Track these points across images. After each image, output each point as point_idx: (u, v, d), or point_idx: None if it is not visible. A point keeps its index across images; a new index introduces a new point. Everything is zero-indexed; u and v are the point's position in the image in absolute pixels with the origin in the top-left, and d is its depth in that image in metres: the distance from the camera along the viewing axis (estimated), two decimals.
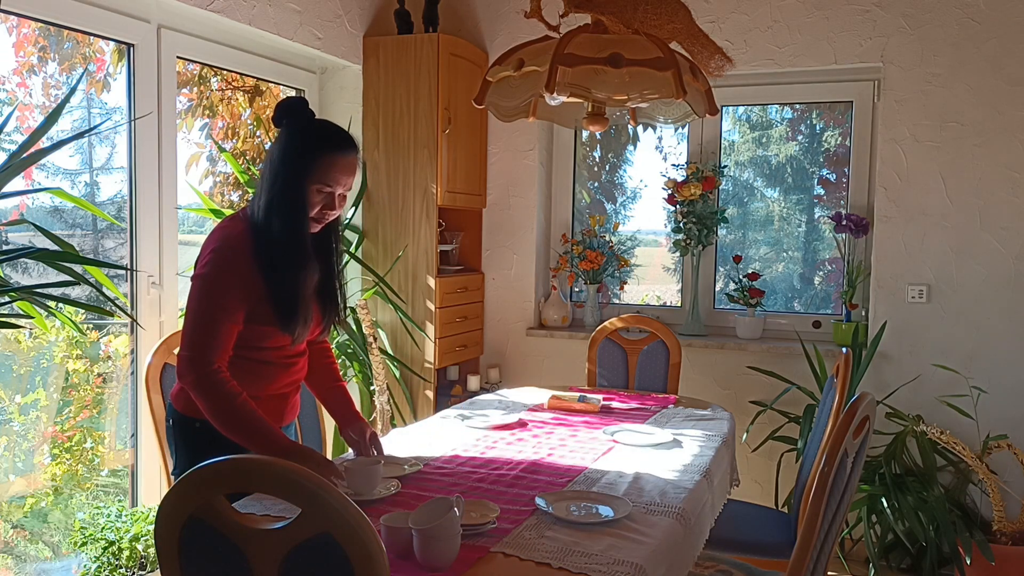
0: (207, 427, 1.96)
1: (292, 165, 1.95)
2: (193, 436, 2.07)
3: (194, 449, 2.07)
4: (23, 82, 2.76)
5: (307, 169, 1.95)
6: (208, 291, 1.92)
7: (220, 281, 1.92)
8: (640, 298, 4.37)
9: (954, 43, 3.44)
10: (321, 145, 1.97)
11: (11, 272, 2.71)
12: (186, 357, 1.90)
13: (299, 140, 1.97)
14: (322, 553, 1.12)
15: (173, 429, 2.11)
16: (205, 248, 1.98)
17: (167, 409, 2.16)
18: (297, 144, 1.97)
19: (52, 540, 2.92)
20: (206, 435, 2.00)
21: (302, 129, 1.99)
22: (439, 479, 2.06)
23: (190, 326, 1.92)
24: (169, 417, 2.13)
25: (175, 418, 2.10)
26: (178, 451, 2.12)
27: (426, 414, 3.74)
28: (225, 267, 1.93)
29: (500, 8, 4.12)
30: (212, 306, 1.91)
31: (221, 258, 1.93)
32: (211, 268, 1.92)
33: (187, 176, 3.39)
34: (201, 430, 2.01)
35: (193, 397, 1.92)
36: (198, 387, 1.90)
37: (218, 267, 1.93)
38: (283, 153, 1.97)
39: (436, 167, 3.78)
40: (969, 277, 3.47)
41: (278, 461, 1.13)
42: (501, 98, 2.36)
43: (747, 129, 4.13)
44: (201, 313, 1.91)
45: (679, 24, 2.31)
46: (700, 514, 2.01)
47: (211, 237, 2.00)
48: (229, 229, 1.98)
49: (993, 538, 3.20)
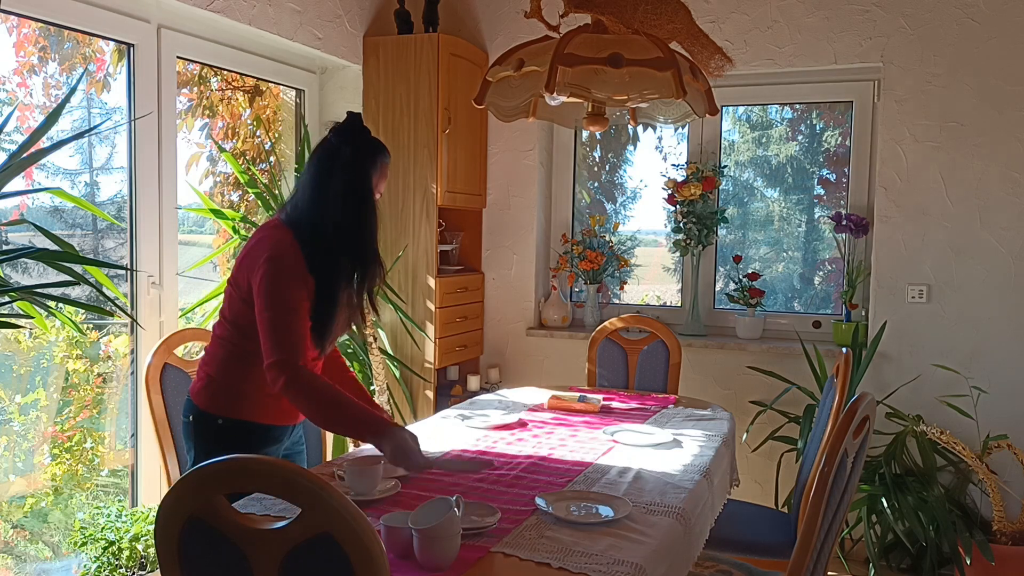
0: (229, 425, 2.05)
1: (366, 175, 2.11)
2: (215, 433, 2.10)
3: (215, 446, 2.09)
4: (23, 82, 2.76)
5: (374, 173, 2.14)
6: (278, 296, 1.98)
7: (286, 285, 1.99)
8: (640, 298, 4.37)
9: (954, 43, 3.44)
10: (383, 152, 2.17)
11: (11, 272, 2.71)
12: (276, 362, 1.94)
13: (368, 151, 2.13)
14: (322, 553, 1.12)
15: (192, 426, 2.13)
16: (254, 259, 2.03)
17: (185, 405, 2.18)
18: (367, 152, 2.13)
19: (52, 540, 2.92)
20: (227, 432, 2.07)
21: (368, 141, 2.16)
22: (439, 479, 2.06)
23: (270, 331, 1.96)
24: (188, 414, 2.15)
25: (195, 414, 2.12)
26: (197, 448, 2.14)
27: (426, 414, 3.74)
28: (288, 271, 2.00)
29: (500, 8, 4.12)
30: (286, 309, 1.98)
31: (280, 264, 2.00)
32: (275, 274, 1.99)
33: (187, 176, 3.39)
34: (224, 427, 2.08)
35: (289, 398, 1.95)
36: (293, 386, 1.93)
37: (280, 272, 2.00)
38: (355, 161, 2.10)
39: (436, 167, 3.78)
40: (969, 277, 3.47)
41: (278, 461, 1.13)
42: (501, 98, 2.36)
43: (747, 129, 4.13)
44: (278, 318, 1.97)
45: (679, 24, 2.31)
46: (700, 514, 2.01)
47: (257, 248, 2.04)
48: (276, 238, 2.04)
49: (993, 538, 3.20)
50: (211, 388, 2.12)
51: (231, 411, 2.10)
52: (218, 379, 2.11)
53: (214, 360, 2.13)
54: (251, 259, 2.04)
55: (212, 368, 2.12)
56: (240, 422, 2.10)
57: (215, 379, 2.11)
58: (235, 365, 2.10)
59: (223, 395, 2.11)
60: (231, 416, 2.10)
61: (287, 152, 3.91)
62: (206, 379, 2.13)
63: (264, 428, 2.14)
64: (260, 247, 2.04)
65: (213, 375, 2.12)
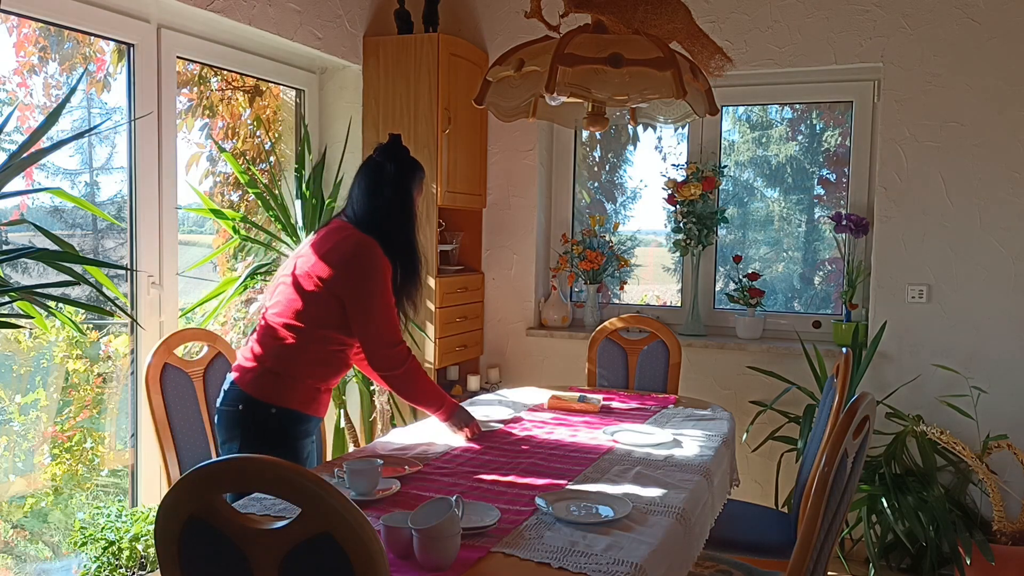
0: (282, 413, 2.24)
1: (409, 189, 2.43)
2: (269, 420, 2.23)
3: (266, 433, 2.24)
4: (23, 82, 2.76)
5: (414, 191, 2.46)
6: (385, 290, 2.29)
7: (387, 281, 2.31)
8: (640, 298, 4.37)
9: (954, 43, 3.44)
10: (418, 169, 2.48)
11: (11, 272, 2.71)
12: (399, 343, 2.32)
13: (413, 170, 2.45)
14: (322, 553, 1.12)
15: (241, 413, 2.25)
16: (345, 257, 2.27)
17: (231, 395, 2.27)
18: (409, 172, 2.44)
19: (52, 540, 2.92)
20: (280, 420, 2.24)
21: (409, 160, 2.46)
22: (439, 479, 2.07)
23: (385, 320, 2.29)
24: (237, 402, 2.25)
25: (246, 403, 2.24)
26: (245, 436, 2.25)
27: (425, 414, 3.73)
28: (385, 270, 2.30)
29: (500, 8, 4.12)
30: (390, 303, 2.31)
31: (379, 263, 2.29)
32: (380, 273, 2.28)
33: (187, 176, 3.39)
34: (277, 415, 2.24)
35: (402, 382, 2.35)
36: (411, 369, 2.34)
37: (381, 270, 2.29)
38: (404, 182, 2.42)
39: (436, 167, 3.78)
40: (969, 277, 3.47)
41: (278, 461, 1.13)
42: (501, 98, 2.36)
43: (747, 129, 4.13)
44: (388, 309, 2.30)
45: (679, 24, 2.31)
46: (700, 514, 2.01)
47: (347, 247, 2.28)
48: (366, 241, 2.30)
49: (993, 538, 3.20)
50: (266, 378, 2.25)
51: (285, 401, 2.25)
52: (275, 370, 2.25)
53: (270, 353, 2.27)
54: (341, 258, 2.26)
55: (269, 360, 2.26)
56: (292, 411, 2.26)
57: (271, 370, 2.25)
58: (293, 358, 2.26)
59: (278, 385, 2.24)
60: (284, 405, 2.25)
61: (287, 152, 3.91)
62: (260, 370, 2.26)
63: (309, 418, 2.32)
64: (350, 249, 2.27)
65: (270, 367, 2.25)
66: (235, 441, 2.26)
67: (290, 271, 2.34)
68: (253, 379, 2.26)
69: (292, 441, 2.28)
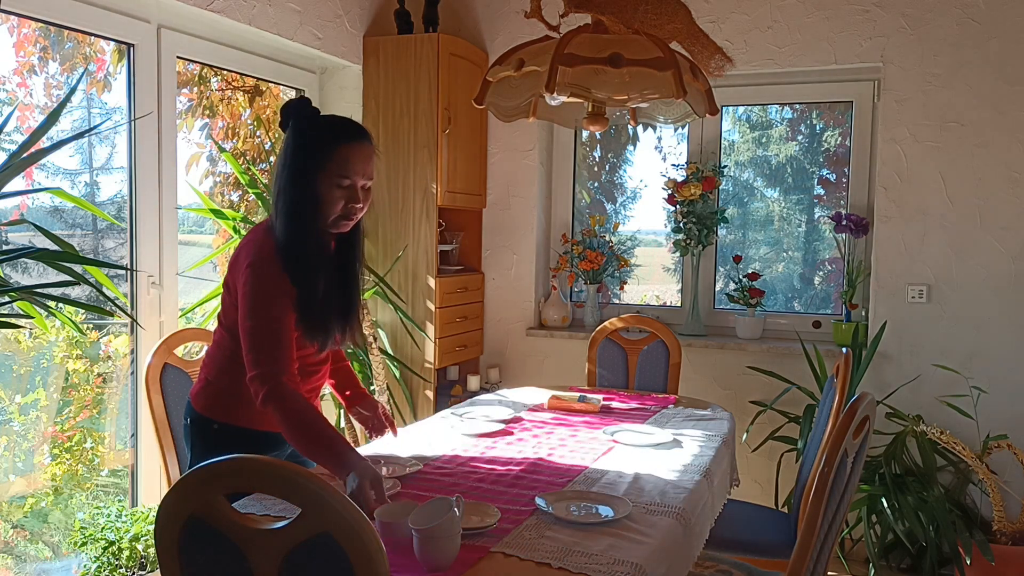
0: (225, 429, 2.04)
1: (307, 162, 1.93)
2: (212, 436, 2.08)
3: (210, 450, 2.07)
4: (23, 82, 2.76)
5: (323, 164, 1.92)
6: (258, 305, 1.90)
7: (266, 293, 1.91)
8: (640, 298, 4.37)
9: (954, 43, 3.44)
10: (336, 136, 1.94)
11: (11, 272, 2.71)
12: (256, 375, 1.87)
13: (311, 136, 1.94)
14: (322, 553, 1.12)
15: (190, 428, 2.13)
16: (239, 264, 1.97)
17: (185, 408, 2.17)
18: (309, 140, 1.94)
19: (52, 540, 2.92)
20: (223, 436, 2.06)
21: (312, 125, 1.96)
22: (439, 479, 2.06)
23: (252, 343, 1.89)
24: (187, 416, 2.15)
25: (193, 417, 2.12)
26: (194, 452, 2.14)
27: (426, 414, 3.74)
28: (266, 279, 1.91)
29: (500, 8, 4.12)
30: (267, 319, 1.89)
31: (259, 271, 1.91)
32: (254, 283, 1.91)
33: (187, 176, 3.39)
34: (219, 432, 2.06)
35: (268, 412, 1.87)
36: (271, 401, 1.85)
37: (260, 280, 1.91)
38: (296, 152, 1.94)
39: (436, 167, 3.78)
40: (969, 277, 3.47)
41: (278, 461, 1.13)
42: (501, 98, 2.36)
43: (747, 129, 4.13)
44: (259, 329, 1.89)
45: (679, 24, 2.31)
46: (700, 514, 2.01)
47: (242, 252, 1.98)
48: (258, 241, 1.97)
49: (993, 538, 3.20)
50: (208, 391, 2.10)
51: (227, 416, 2.07)
52: (215, 383, 2.09)
53: (212, 364, 2.11)
54: (236, 263, 1.99)
55: (210, 372, 2.11)
56: (236, 427, 2.08)
57: (212, 383, 2.10)
58: (230, 370, 2.05)
59: (219, 399, 2.08)
60: (227, 421, 2.07)
61: None
62: (204, 382, 2.12)
63: (261, 434, 2.09)
64: (244, 251, 1.97)
65: (210, 379, 2.10)
66: (190, 454, 2.15)
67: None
68: (198, 391, 2.12)
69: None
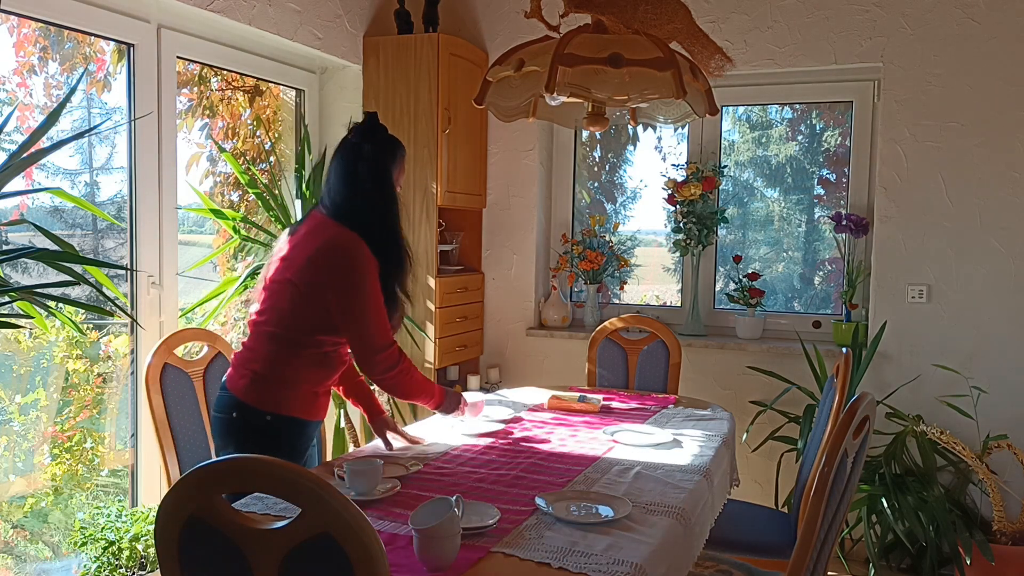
0: (278, 420, 2.16)
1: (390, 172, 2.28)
2: (262, 429, 2.16)
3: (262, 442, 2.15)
4: (23, 82, 2.76)
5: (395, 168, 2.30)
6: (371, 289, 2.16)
7: (373, 277, 2.17)
8: (640, 298, 4.37)
9: (954, 43, 3.44)
10: (398, 145, 2.31)
11: (11, 272, 2.71)
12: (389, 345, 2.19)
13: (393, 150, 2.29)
14: (322, 553, 1.12)
15: (238, 422, 2.17)
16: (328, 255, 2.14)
17: (224, 402, 2.20)
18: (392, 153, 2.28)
19: (52, 540, 2.92)
20: (276, 428, 2.16)
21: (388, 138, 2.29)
22: (439, 479, 2.06)
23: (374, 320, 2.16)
24: (231, 410, 2.18)
25: (241, 411, 2.16)
26: (241, 445, 2.17)
27: (426, 414, 3.73)
28: (369, 265, 2.16)
29: (500, 8, 4.12)
30: (376, 304, 2.18)
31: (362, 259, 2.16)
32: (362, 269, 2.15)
33: (187, 176, 3.39)
34: (272, 423, 2.16)
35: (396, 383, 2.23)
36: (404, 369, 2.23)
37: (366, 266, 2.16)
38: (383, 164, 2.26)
39: (436, 167, 3.78)
40: (969, 277, 3.47)
41: (278, 461, 1.13)
42: (501, 98, 2.36)
43: (747, 129, 4.13)
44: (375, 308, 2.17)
45: (679, 24, 2.31)
46: (700, 514, 2.01)
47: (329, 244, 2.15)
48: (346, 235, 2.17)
49: (993, 538, 3.20)
50: (259, 384, 2.16)
51: (280, 407, 2.17)
52: (268, 376, 2.17)
53: (262, 357, 2.18)
54: (327, 262, 2.13)
55: (261, 365, 2.17)
56: (289, 418, 2.18)
57: (264, 376, 2.16)
58: (288, 361, 2.17)
59: (273, 391, 2.17)
60: (280, 412, 2.17)
61: (287, 152, 3.91)
62: (251, 375, 2.17)
63: (307, 424, 2.24)
64: (334, 251, 2.14)
65: (262, 372, 2.17)
66: (230, 448, 2.19)
67: (274, 274, 2.22)
68: (247, 385, 2.17)
69: (290, 448, 2.20)
